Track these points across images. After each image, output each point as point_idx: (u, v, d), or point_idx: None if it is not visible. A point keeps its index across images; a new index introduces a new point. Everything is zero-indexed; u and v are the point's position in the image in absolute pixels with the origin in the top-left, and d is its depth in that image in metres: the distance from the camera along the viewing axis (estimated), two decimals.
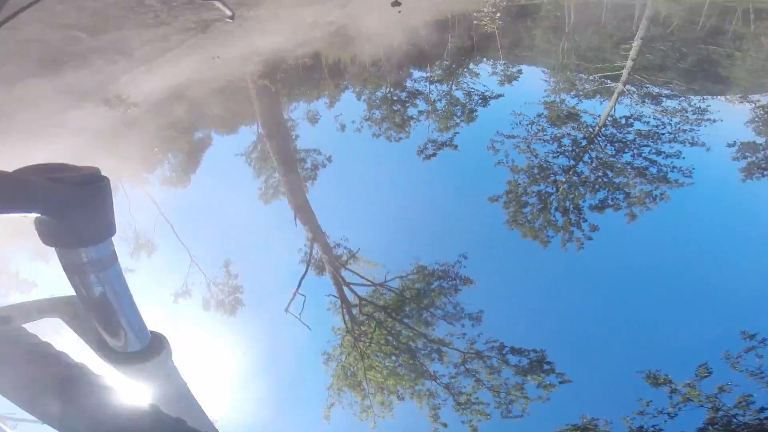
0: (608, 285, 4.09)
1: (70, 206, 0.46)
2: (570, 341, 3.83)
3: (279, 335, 4.08)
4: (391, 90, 6.27)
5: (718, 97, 5.91)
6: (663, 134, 4.76)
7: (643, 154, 4.57)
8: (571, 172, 4.58)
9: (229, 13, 5.44)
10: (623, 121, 4.96)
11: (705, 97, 5.65)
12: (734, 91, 6.02)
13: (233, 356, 3.79)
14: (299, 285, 4.14)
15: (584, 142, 4.81)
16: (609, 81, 5.83)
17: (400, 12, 7.19)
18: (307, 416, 3.76)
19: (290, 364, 4.05)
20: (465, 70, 6.69)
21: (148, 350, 0.62)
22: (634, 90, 5.62)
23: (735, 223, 4.40)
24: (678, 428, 3.31)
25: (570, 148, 4.81)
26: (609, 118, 4.99)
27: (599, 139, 4.82)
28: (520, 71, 6.72)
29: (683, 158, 4.53)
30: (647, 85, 5.71)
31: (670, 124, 4.92)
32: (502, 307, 4.11)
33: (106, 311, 0.56)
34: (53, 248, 0.52)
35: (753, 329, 3.42)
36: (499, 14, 8.25)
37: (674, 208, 4.31)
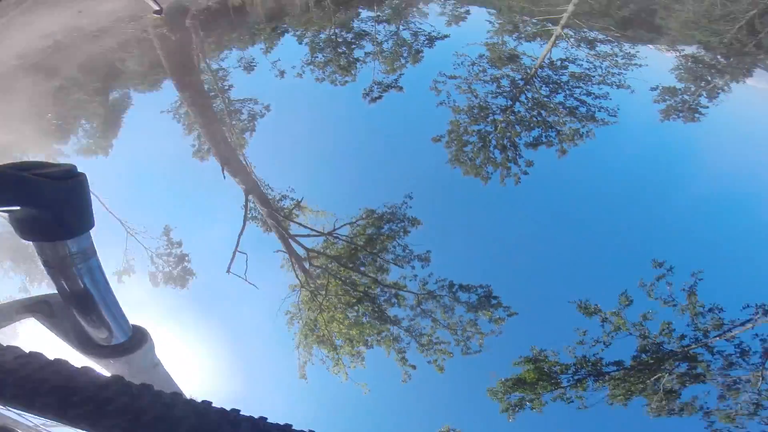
0: (540, 217, 4.41)
1: (56, 200, 0.47)
2: (510, 273, 4.07)
3: (234, 300, 3.95)
4: (336, 31, 6.06)
5: (648, 44, 6.28)
6: (594, 77, 5.04)
7: (575, 95, 4.84)
8: (508, 112, 4.77)
9: (156, 7, 4.80)
10: (558, 63, 5.19)
11: (636, 44, 5.98)
12: (663, 41, 6.41)
13: (197, 333, 3.64)
14: (238, 242, 3.98)
15: (521, 83, 4.99)
16: (550, 24, 6.00)
17: None
18: (285, 378, 3.75)
19: (254, 328, 3.97)
20: (414, 9, 6.57)
21: (133, 341, 0.63)
22: (572, 34, 5.82)
23: (651, 159, 4.86)
24: (615, 356, 3.53)
25: (508, 89, 4.95)
26: (545, 61, 5.19)
27: (535, 80, 5.01)
28: (468, 12, 6.65)
29: (610, 99, 4.85)
30: (585, 30, 5.93)
31: (601, 67, 5.21)
32: (448, 245, 4.26)
33: (90, 304, 0.57)
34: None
35: (662, 257, 3.75)
36: None
37: (599, 145, 4.65)
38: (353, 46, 5.73)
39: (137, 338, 0.64)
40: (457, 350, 3.65)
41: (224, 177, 4.38)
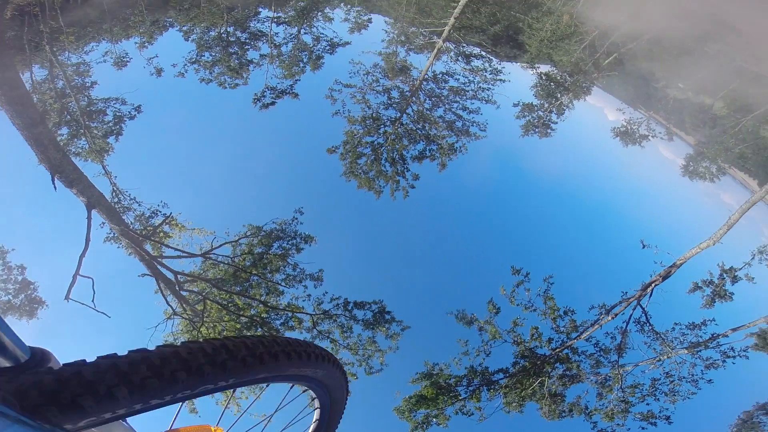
0: (423, 230, 4.65)
1: None
2: (398, 287, 4.24)
3: (103, 330, 3.47)
4: (228, 30, 5.63)
5: (513, 61, 7.15)
6: (468, 91, 5.62)
7: (452, 109, 5.33)
8: (397, 124, 5.02)
9: None
10: (440, 76, 5.68)
11: (502, 61, 6.76)
12: (524, 59, 7.33)
13: None
14: (79, 265, 3.37)
15: (408, 94, 5.23)
16: (436, 37, 6.47)
17: None
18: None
19: None
20: (318, 13, 6.34)
21: (37, 358, 0.58)
22: (452, 48, 6.30)
23: (517, 174, 5.58)
24: (499, 364, 3.86)
25: (397, 100, 5.17)
26: (429, 73, 5.66)
27: (420, 92, 5.33)
28: (370, 20, 6.65)
29: (481, 114, 5.36)
30: (463, 45, 6.54)
31: (474, 82, 5.83)
32: (339, 261, 4.22)
33: None
34: None
35: (520, 264, 4.19)
36: None
37: (471, 159, 5.09)
38: (247, 47, 5.38)
39: (39, 356, 0.60)
40: (362, 371, 3.70)
41: (55, 188, 3.57)
